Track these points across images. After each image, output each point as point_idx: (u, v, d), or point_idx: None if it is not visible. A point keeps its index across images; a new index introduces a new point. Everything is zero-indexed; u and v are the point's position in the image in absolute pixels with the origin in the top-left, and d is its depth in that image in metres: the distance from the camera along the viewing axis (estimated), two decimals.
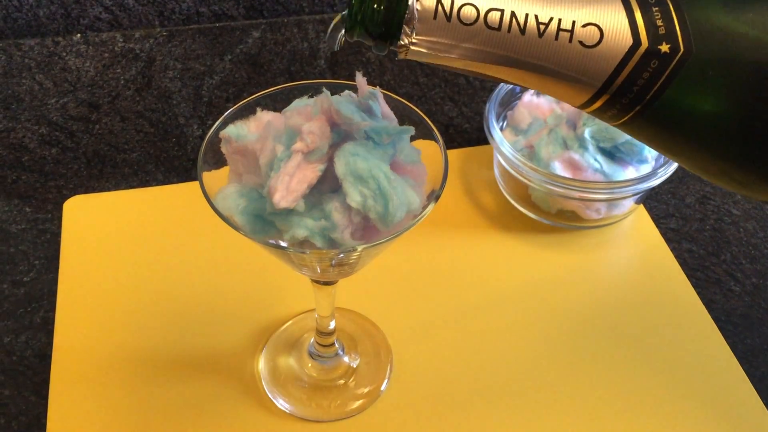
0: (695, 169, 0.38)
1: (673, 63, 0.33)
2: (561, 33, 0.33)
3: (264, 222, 0.39)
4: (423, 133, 0.44)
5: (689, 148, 0.36)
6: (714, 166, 0.36)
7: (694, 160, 0.36)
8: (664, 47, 0.33)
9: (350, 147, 0.38)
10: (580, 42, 0.33)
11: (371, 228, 0.39)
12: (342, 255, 0.40)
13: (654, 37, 0.33)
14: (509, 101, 0.65)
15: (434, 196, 0.41)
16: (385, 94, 0.45)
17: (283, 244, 0.39)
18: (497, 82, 0.46)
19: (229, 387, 0.52)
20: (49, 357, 0.53)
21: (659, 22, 0.33)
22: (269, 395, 0.52)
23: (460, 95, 0.75)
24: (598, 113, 0.36)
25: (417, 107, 0.44)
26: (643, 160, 0.60)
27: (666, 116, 0.34)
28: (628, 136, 0.59)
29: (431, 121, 0.43)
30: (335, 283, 0.47)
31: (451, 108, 0.73)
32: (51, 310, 0.56)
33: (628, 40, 0.33)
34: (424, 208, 0.40)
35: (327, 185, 0.38)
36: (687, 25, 0.33)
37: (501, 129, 0.64)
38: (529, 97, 0.64)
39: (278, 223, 0.38)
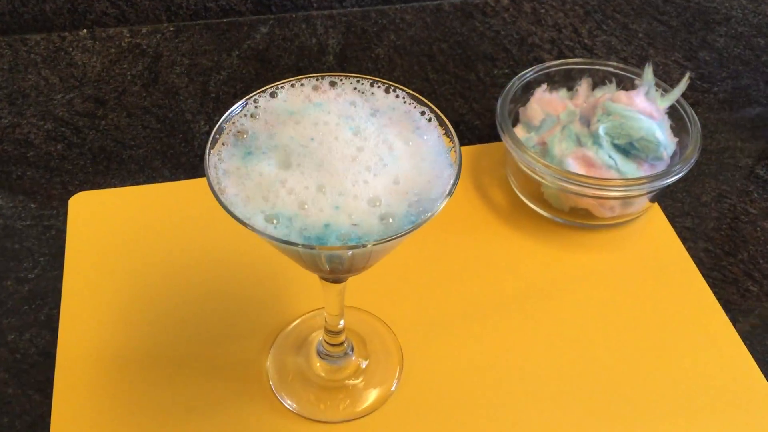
0: None
1: None
2: None
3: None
4: (442, 130, 0.43)
5: None
6: None
7: None
8: None
9: None
10: None
11: None
12: (351, 253, 0.39)
13: None
14: (521, 97, 0.64)
15: (446, 193, 0.40)
16: (399, 89, 0.44)
17: (294, 240, 0.37)
18: None
19: (236, 387, 0.51)
20: (54, 355, 0.52)
21: None
22: (277, 395, 0.51)
23: (470, 91, 0.74)
24: None
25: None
26: (658, 158, 0.59)
27: None
28: (643, 133, 0.58)
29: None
30: (345, 281, 0.46)
31: (462, 104, 0.72)
32: (55, 308, 0.55)
33: None
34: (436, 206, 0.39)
35: None
36: None
37: (513, 125, 0.63)
38: (541, 93, 0.63)
39: None
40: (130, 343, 0.53)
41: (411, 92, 0.44)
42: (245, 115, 0.43)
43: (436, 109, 0.43)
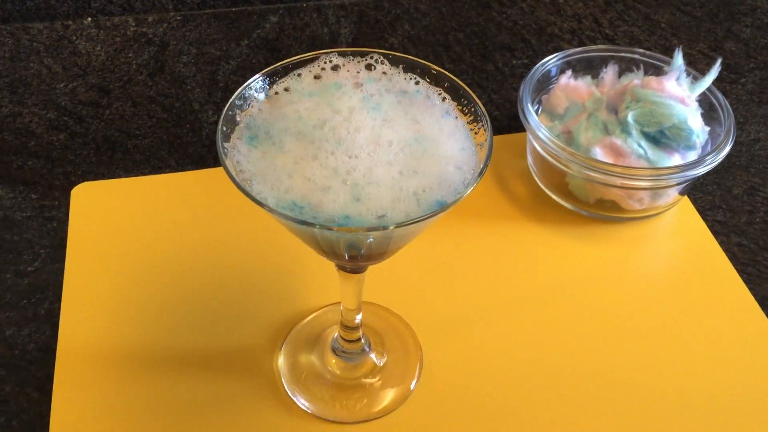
0: None
1: None
2: None
3: None
4: (466, 110, 0.40)
5: None
6: None
7: None
8: None
9: None
10: None
11: None
12: (372, 237, 0.36)
13: None
14: (544, 85, 0.62)
15: (478, 173, 0.37)
16: (424, 65, 0.41)
17: (312, 221, 0.35)
18: None
19: (246, 385, 0.48)
20: (54, 351, 0.50)
21: None
22: (290, 394, 0.48)
23: (488, 81, 0.71)
24: None
25: None
26: (690, 147, 0.56)
27: None
28: (675, 120, 0.55)
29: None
30: (364, 271, 0.43)
31: (480, 95, 0.70)
32: (56, 302, 0.52)
33: None
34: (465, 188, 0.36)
35: None
36: None
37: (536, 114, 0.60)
38: (566, 80, 0.60)
39: None
40: (134, 339, 0.50)
41: (438, 68, 0.41)
42: (260, 95, 0.40)
43: (466, 87, 0.40)
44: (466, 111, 0.40)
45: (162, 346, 0.50)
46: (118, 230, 0.57)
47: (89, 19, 0.76)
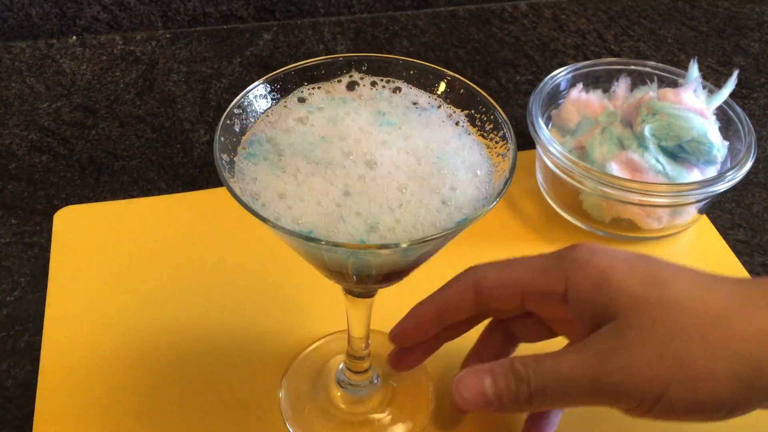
0: None
1: None
2: None
3: None
4: (485, 117, 0.37)
5: None
6: None
7: None
8: None
9: None
10: None
11: None
12: (383, 256, 0.33)
13: None
14: (553, 99, 0.59)
15: (502, 184, 0.34)
16: (452, 77, 0.39)
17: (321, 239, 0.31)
18: None
19: (244, 420, 0.44)
20: (34, 387, 0.46)
21: None
22: (291, 430, 0.44)
23: (493, 98, 0.68)
24: None
25: None
26: (710, 161, 0.53)
27: None
28: (694, 133, 0.52)
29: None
30: (373, 296, 0.40)
31: None
32: (37, 334, 0.48)
33: None
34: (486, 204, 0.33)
35: None
36: None
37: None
38: (576, 93, 0.58)
39: None
40: (120, 375, 0.46)
41: (453, 74, 0.38)
42: (262, 106, 0.37)
43: (484, 93, 0.38)
44: (485, 119, 0.37)
45: (152, 381, 0.46)
46: (103, 257, 0.53)
47: (74, 37, 0.72)
